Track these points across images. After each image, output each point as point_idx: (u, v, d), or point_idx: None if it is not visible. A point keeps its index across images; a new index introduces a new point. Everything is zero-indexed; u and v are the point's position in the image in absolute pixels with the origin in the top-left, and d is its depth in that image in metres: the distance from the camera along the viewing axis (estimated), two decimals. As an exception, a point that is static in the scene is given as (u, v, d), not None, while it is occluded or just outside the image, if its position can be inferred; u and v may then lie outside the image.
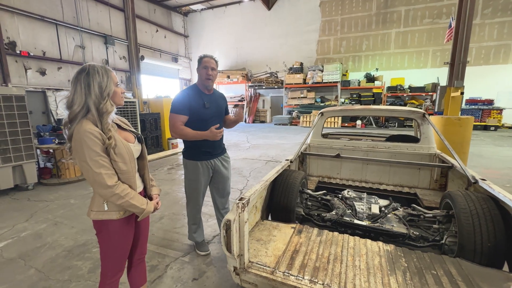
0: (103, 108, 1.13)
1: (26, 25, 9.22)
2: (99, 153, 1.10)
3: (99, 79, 1.14)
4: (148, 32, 14.65)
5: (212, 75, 2.06)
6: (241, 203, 1.49)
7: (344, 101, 13.41)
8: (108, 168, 1.13)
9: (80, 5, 10.92)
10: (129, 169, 1.23)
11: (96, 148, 1.09)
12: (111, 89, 1.17)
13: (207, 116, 2.08)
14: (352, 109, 3.32)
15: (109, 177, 1.13)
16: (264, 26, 15.55)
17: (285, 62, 14.94)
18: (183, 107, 2.00)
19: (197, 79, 2.13)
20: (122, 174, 1.20)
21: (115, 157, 1.16)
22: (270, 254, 1.69)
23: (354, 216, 2.19)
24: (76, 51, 10.95)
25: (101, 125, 1.13)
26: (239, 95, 16.60)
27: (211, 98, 2.14)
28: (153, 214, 3.09)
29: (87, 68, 1.14)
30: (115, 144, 1.15)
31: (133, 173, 1.26)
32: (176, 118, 1.98)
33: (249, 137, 9.66)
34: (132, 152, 1.25)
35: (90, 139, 1.08)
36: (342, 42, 13.93)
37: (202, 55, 2.08)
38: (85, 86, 1.12)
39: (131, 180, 1.25)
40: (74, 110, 1.11)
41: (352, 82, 13.27)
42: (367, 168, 3.16)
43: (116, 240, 1.26)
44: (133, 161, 1.26)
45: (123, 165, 1.19)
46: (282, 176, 2.34)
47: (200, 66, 2.05)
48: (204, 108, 2.07)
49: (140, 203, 1.23)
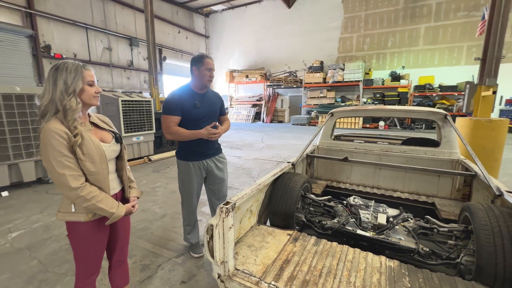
0: (67, 104, 1.10)
1: (60, 30, 9.95)
2: (63, 153, 1.07)
3: (65, 75, 1.11)
4: (171, 33, 15.12)
5: (213, 76, 2.03)
6: (225, 208, 1.40)
7: (366, 101, 12.79)
8: (72, 169, 1.10)
9: (108, 9, 11.56)
10: (99, 170, 1.18)
11: (60, 148, 1.06)
12: (78, 86, 1.14)
13: (198, 116, 2.03)
14: (365, 109, 3.08)
15: (74, 179, 1.09)
16: (284, 24, 15.33)
17: (304, 61, 14.59)
18: (175, 108, 1.96)
19: (193, 79, 2.06)
20: (91, 175, 1.16)
21: (82, 156, 1.12)
22: (259, 262, 1.58)
23: (357, 226, 2.00)
24: (104, 53, 11.61)
25: (66, 122, 1.10)
26: (258, 94, 16.55)
27: (203, 97, 2.08)
28: (155, 212, 3.13)
29: (58, 64, 1.13)
30: (81, 142, 1.12)
31: (104, 175, 1.22)
32: (168, 120, 1.95)
33: (264, 137, 9.56)
34: (104, 153, 1.21)
35: (55, 138, 1.06)
36: (366, 39, 13.29)
37: (201, 55, 2.01)
38: (52, 82, 1.11)
39: (102, 182, 1.21)
40: (41, 105, 1.11)
41: (375, 81, 12.60)
42: (380, 173, 2.92)
43: (87, 242, 1.22)
44: (104, 162, 1.21)
45: (91, 165, 1.15)
46: (282, 179, 2.22)
47: (203, 67, 1.97)
48: (195, 108, 2.01)
49: (109, 207, 1.18)
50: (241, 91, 17.60)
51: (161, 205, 3.34)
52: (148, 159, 5.72)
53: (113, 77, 12.02)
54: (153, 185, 4.16)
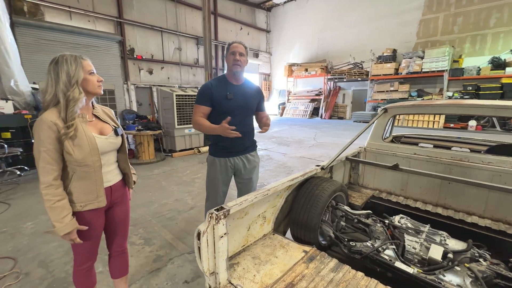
0: (70, 95, 1.14)
1: (141, 34, 11.53)
2: (45, 145, 1.10)
3: (67, 67, 1.14)
4: (233, 30, 15.70)
5: (241, 60, 1.85)
6: (215, 214, 1.24)
7: (452, 95, 10.46)
8: (48, 162, 1.11)
9: (179, 13, 12.78)
10: (89, 162, 1.19)
11: (45, 139, 1.09)
12: (80, 76, 1.16)
13: (229, 109, 1.88)
14: (431, 105, 2.38)
15: (46, 173, 1.11)
16: (351, 10, 13.89)
17: (373, 50, 12.93)
18: (204, 98, 1.88)
19: (226, 68, 1.96)
20: (80, 166, 1.18)
21: (70, 148, 1.13)
22: (258, 280, 1.37)
23: (398, 255, 1.55)
24: (175, 53, 12.93)
25: (66, 113, 1.13)
26: (317, 89, 15.66)
27: (239, 89, 1.93)
28: (186, 203, 3.24)
29: (57, 58, 1.16)
30: (74, 134, 1.13)
31: (95, 167, 1.22)
32: (196, 109, 1.89)
33: (318, 134, 8.94)
34: (96, 145, 1.21)
35: (43, 129, 1.09)
36: (457, 18, 10.77)
37: (230, 42, 1.91)
38: (54, 75, 1.14)
39: (92, 175, 1.21)
40: (46, 99, 1.15)
41: (467, 70, 10.13)
42: (449, 188, 2.23)
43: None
44: (96, 154, 1.21)
45: (80, 155, 1.15)
46: (309, 184, 1.92)
47: (228, 53, 1.87)
48: (226, 99, 1.88)
49: (55, 219, 1.13)
50: (300, 85, 16.99)
51: (194, 197, 3.44)
52: (198, 151, 6.08)
53: (181, 74, 13.30)
54: (194, 176, 4.36)
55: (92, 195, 1.24)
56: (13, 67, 4.68)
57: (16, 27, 7.82)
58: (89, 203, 1.24)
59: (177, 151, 5.86)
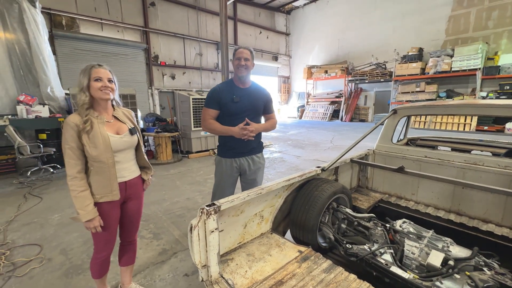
0: (79, 99, 1.35)
1: (165, 42, 12.14)
2: (69, 143, 1.29)
3: (80, 76, 1.35)
4: (253, 35, 15.93)
5: (246, 64, 1.94)
6: (206, 209, 1.31)
7: (487, 95, 9.66)
8: (72, 158, 1.30)
9: (200, 19, 13.27)
10: (102, 158, 1.33)
11: (68, 138, 1.29)
12: (84, 83, 1.33)
13: (236, 111, 1.96)
14: (443, 105, 2.24)
15: (70, 166, 1.30)
16: (374, 9, 13.44)
17: (397, 50, 12.37)
18: (212, 101, 1.98)
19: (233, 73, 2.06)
20: (95, 161, 1.34)
21: (87, 145, 1.30)
22: (249, 276, 1.42)
23: (395, 260, 1.50)
24: (196, 58, 13.42)
25: (79, 112, 1.34)
26: (337, 91, 15.30)
27: (245, 92, 2.00)
28: (196, 202, 3.37)
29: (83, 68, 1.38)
30: (89, 130, 1.31)
31: (109, 164, 1.36)
32: (205, 112, 1.99)
33: (336, 136, 8.73)
34: (109, 143, 1.35)
35: (66, 129, 1.29)
36: (492, 12, 9.97)
37: (236, 47, 2.01)
38: (78, 83, 1.37)
39: (106, 170, 1.35)
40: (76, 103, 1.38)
41: (503, 68, 9.30)
42: (463, 194, 2.10)
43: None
44: (109, 151, 1.35)
45: (94, 151, 1.31)
46: (309, 185, 1.93)
47: (234, 58, 1.97)
48: (232, 102, 1.97)
49: (79, 206, 1.30)
50: (320, 87, 16.71)
51: (204, 196, 3.56)
52: (213, 152, 6.25)
53: (202, 78, 13.75)
54: (207, 176, 4.50)
55: (107, 189, 1.39)
56: (49, 75, 5.21)
57: (55, 39, 8.68)
58: (105, 195, 1.39)
59: (194, 152, 6.08)
